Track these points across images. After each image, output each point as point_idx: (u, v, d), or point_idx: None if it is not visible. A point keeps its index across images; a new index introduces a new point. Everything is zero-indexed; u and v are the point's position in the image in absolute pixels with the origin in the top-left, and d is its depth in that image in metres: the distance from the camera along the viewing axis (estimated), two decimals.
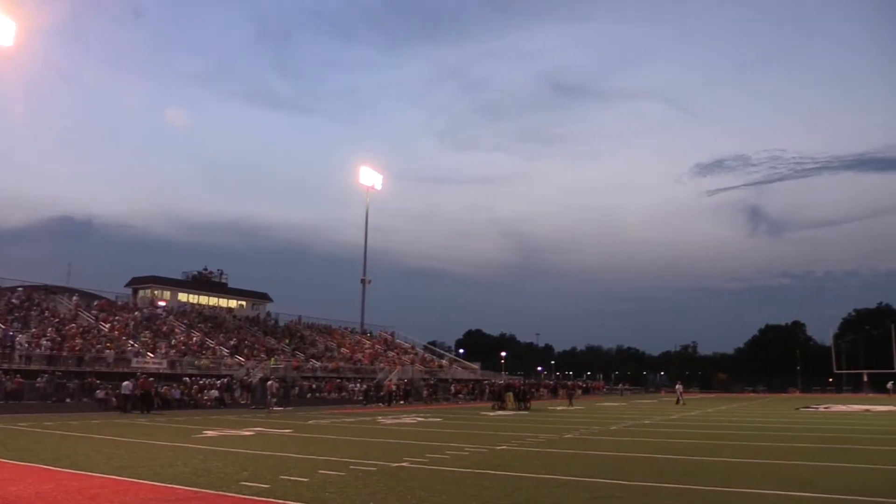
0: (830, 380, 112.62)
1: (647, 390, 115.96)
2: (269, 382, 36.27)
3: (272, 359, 48.42)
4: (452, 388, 55.49)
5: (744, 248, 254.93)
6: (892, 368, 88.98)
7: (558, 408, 41.85)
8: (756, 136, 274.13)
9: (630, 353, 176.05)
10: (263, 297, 71.00)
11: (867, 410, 40.50)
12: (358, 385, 48.11)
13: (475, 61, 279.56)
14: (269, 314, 66.91)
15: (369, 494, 10.02)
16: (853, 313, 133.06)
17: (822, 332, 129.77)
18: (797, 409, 42.48)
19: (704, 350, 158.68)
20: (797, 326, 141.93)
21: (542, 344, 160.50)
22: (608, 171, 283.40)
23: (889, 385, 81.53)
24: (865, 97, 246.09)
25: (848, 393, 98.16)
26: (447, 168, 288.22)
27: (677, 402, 47.79)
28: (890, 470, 13.19)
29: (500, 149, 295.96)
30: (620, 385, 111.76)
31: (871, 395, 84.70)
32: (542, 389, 66.47)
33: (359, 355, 59.96)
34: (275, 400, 35.00)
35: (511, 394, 40.50)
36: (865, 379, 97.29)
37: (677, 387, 52.57)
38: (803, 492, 10.45)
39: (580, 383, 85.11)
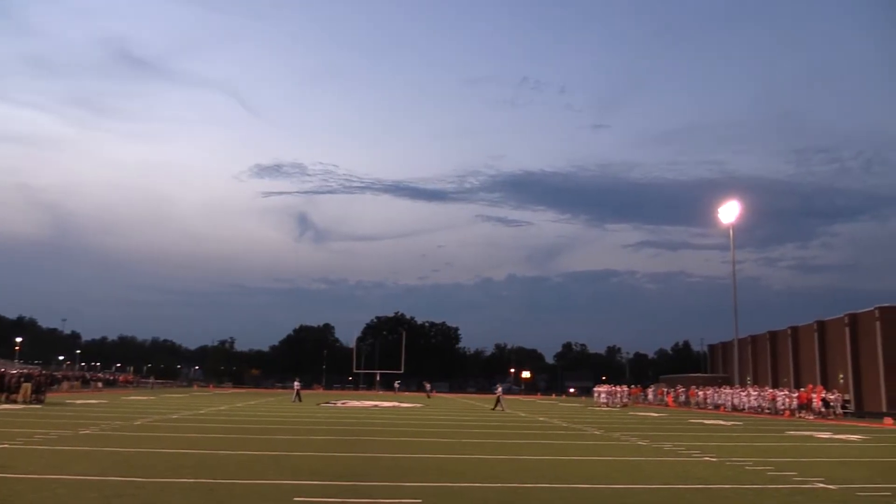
0: (351, 378, 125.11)
1: (180, 384, 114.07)
2: None
3: None
4: None
5: (289, 252, 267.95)
6: (400, 370, 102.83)
7: (78, 401, 38.62)
8: (314, 148, 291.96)
9: (166, 346, 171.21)
10: None
11: (375, 406, 46.00)
12: None
13: (26, 3, 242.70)
14: None
15: None
16: (375, 320, 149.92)
17: (348, 335, 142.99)
18: (318, 404, 45.99)
19: (242, 346, 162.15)
20: (328, 328, 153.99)
21: (68, 331, 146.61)
22: (167, 155, 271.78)
23: (396, 384, 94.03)
24: (408, 132, 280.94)
25: (364, 390, 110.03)
26: None
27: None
28: (387, 457, 15.21)
29: (42, 108, 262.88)
30: (151, 378, 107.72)
31: (381, 392, 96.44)
32: (64, 381, 61.33)
33: None
34: None
35: (29, 385, 36.09)
36: (378, 378, 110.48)
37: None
38: (312, 480, 11.50)
39: (66, 375, 78.41)
